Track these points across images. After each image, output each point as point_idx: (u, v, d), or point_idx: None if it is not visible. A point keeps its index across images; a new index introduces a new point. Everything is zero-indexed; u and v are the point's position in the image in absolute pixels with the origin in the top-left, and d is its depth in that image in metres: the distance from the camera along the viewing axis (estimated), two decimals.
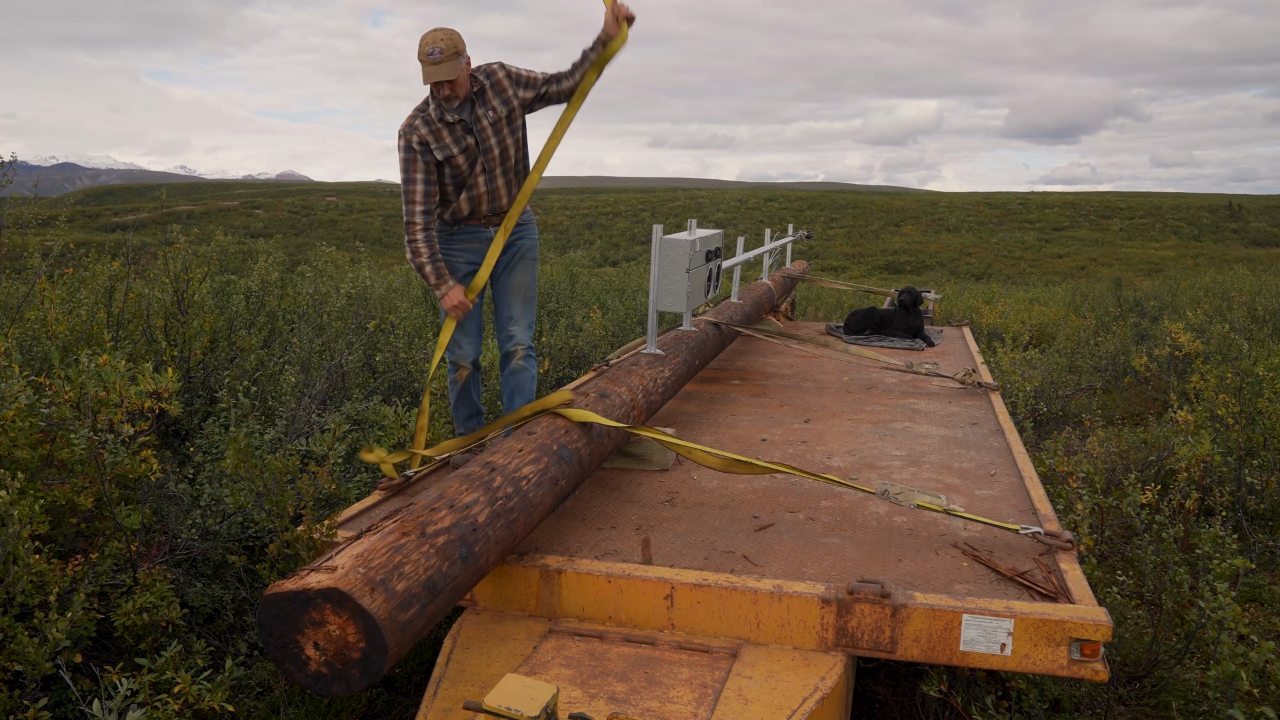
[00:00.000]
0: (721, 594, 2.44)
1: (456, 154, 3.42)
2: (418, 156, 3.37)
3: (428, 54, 3.27)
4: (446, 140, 3.40)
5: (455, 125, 3.41)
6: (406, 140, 3.38)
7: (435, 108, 3.38)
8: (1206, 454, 4.55)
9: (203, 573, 3.21)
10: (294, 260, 10.64)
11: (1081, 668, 2.26)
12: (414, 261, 3.46)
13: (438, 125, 3.39)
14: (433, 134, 3.39)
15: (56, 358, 3.78)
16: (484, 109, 3.45)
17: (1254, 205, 49.28)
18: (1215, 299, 11.20)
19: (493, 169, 3.51)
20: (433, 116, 3.39)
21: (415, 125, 3.39)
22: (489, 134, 3.46)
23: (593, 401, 3.28)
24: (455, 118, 3.40)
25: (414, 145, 3.37)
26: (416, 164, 3.38)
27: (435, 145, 3.39)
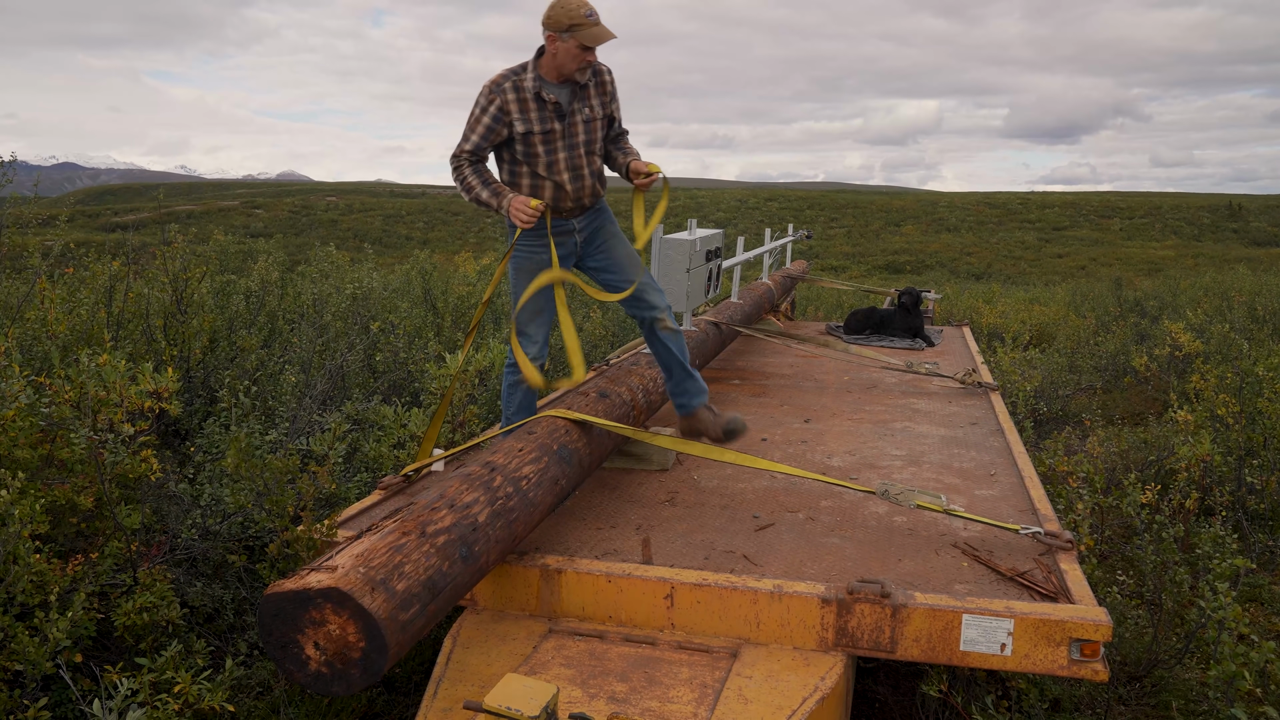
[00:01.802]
0: (722, 594, 2.43)
1: (537, 131, 3.21)
2: (487, 116, 3.17)
3: (585, 15, 3.07)
4: (532, 115, 3.20)
5: (548, 104, 3.21)
6: (489, 99, 3.17)
7: (534, 80, 3.17)
8: (1206, 454, 4.55)
9: (203, 572, 3.21)
10: (294, 260, 10.64)
11: (1081, 668, 2.26)
12: (468, 195, 3.25)
13: (528, 98, 3.18)
14: (519, 104, 3.18)
15: (56, 358, 3.78)
16: (582, 102, 3.27)
17: (1254, 205, 49.28)
18: (1215, 299, 11.20)
19: (577, 165, 3.30)
20: (527, 87, 3.17)
21: (504, 88, 3.17)
22: (579, 128, 3.28)
23: (593, 401, 3.29)
24: (552, 97, 3.20)
25: (491, 107, 3.17)
26: (481, 122, 3.18)
27: (518, 116, 3.18)
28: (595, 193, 3.41)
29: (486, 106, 3.17)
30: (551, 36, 3.11)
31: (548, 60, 3.17)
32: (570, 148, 3.27)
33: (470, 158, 3.22)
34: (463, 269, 10.82)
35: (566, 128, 3.25)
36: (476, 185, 3.21)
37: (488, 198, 3.21)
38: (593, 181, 3.38)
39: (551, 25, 3.10)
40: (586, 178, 3.34)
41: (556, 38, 3.10)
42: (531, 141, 3.22)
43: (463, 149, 3.21)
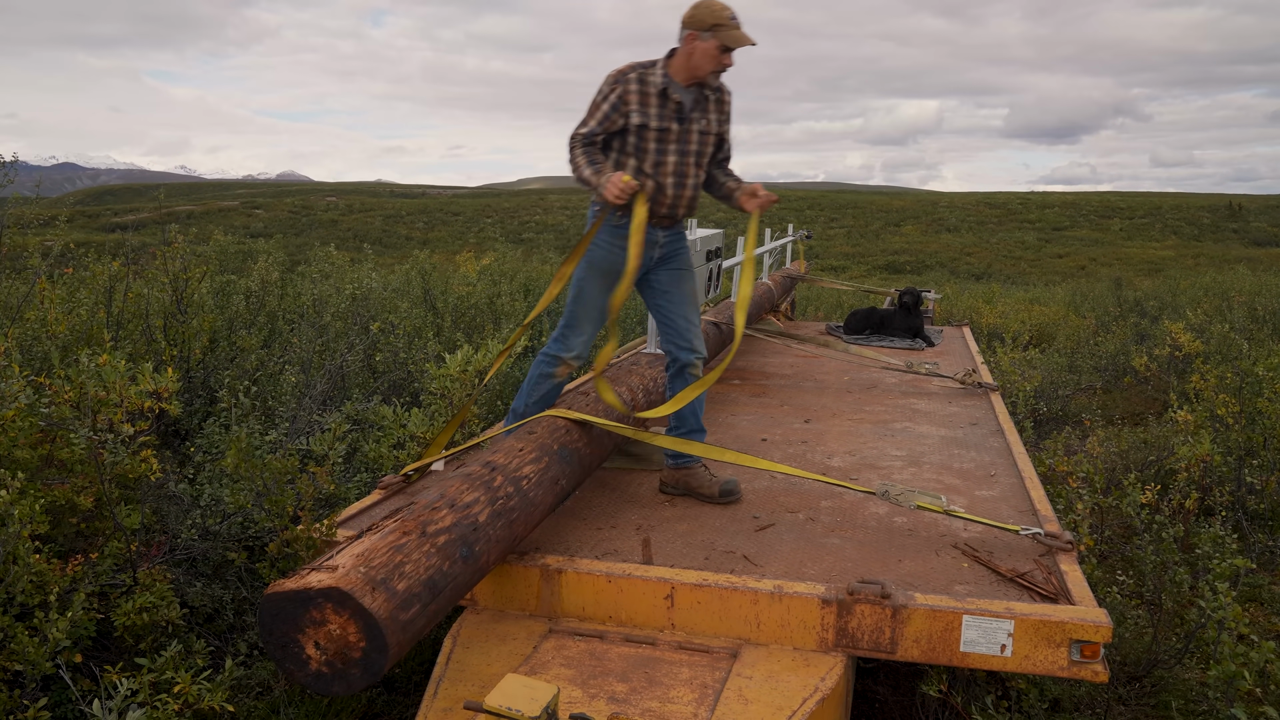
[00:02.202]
0: (722, 594, 2.43)
1: (652, 127, 3.15)
2: (606, 104, 3.13)
3: (729, 17, 3.05)
4: (651, 110, 3.15)
5: (671, 102, 3.16)
6: (611, 87, 3.13)
7: (662, 77, 3.14)
8: (1206, 454, 4.55)
9: (203, 572, 3.21)
10: (294, 260, 10.64)
11: (1081, 669, 2.26)
12: (575, 173, 3.18)
13: (651, 92, 3.14)
14: (640, 97, 3.13)
15: (56, 358, 3.78)
16: (701, 111, 3.24)
17: (1254, 205, 49.28)
18: (1215, 299, 11.20)
19: (683, 170, 3.24)
20: (653, 81, 3.14)
21: (628, 78, 3.14)
22: (693, 136, 3.23)
23: (593, 401, 3.29)
24: (676, 97, 3.16)
25: (612, 95, 3.13)
26: (600, 109, 3.14)
27: (636, 108, 3.14)
28: (690, 206, 3.36)
29: (608, 94, 3.13)
30: (692, 35, 3.08)
31: (681, 60, 3.14)
32: (681, 153, 3.23)
33: (584, 140, 3.17)
34: (463, 269, 10.83)
35: (683, 131, 3.21)
36: (583, 165, 3.14)
37: (588, 175, 3.13)
38: (692, 193, 3.33)
39: (694, 24, 3.08)
40: (688, 188, 3.29)
41: (697, 36, 3.08)
42: (645, 136, 3.17)
43: (578, 131, 3.17)
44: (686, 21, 3.10)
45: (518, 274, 9.71)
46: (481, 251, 15.25)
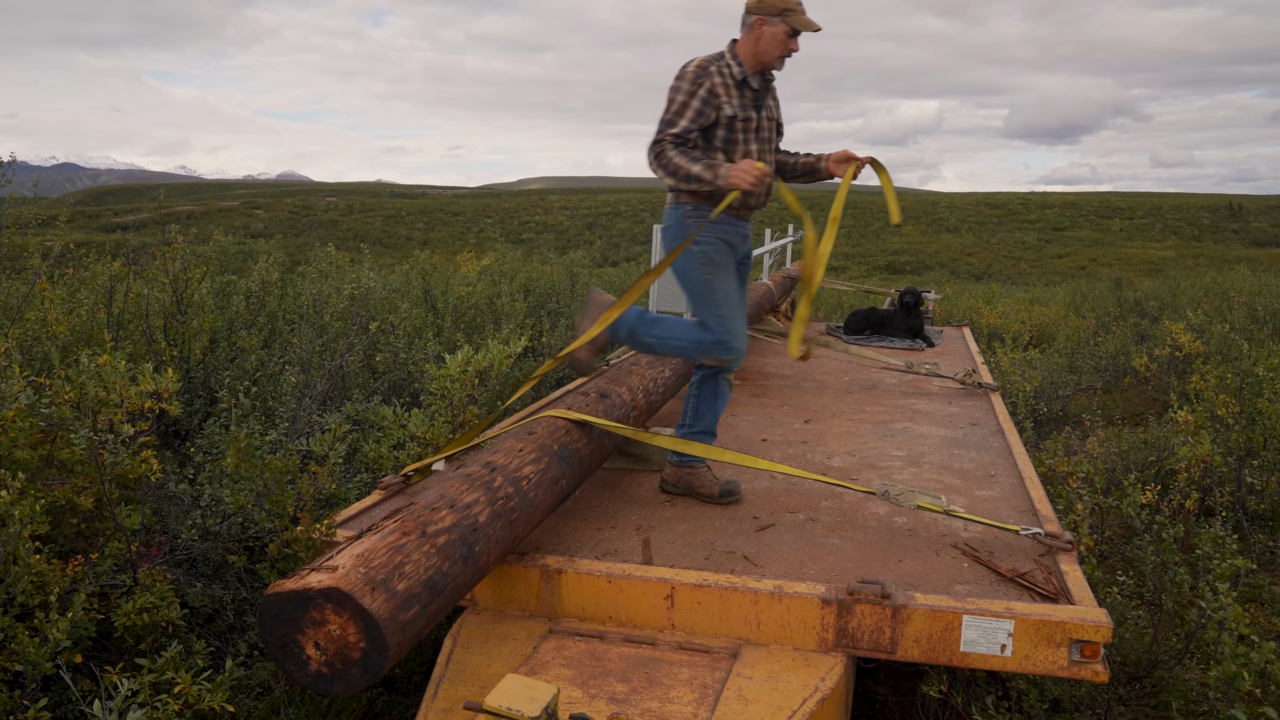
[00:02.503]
0: (722, 594, 2.43)
1: (740, 117, 3.12)
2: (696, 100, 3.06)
3: (798, 1, 3.06)
4: (735, 100, 3.11)
5: (748, 91, 3.14)
6: (696, 81, 3.07)
7: (738, 68, 3.11)
8: (1206, 454, 4.55)
9: (203, 573, 3.21)
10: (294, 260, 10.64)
11: (1082, 669, 2.26)
12: (677, 174, 3.07)
13: (732, 82, 3.11)
14: (725, 87, 3.09)
15: (56, 358, 3.78)
16: (772, 100, 3.24)
17: (1254, 205, 49.27)
18: (1215, 299, 11.20)
19: (765, 159, 3.22)
20: (733, 71, 3.11)
21: (710, 70, 3.09)
22: (766, 124, 3.22)
23: (593, 401, 3.28)
24: (754, 85, 3.15)
25: (701, 90, 3.06)
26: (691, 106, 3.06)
27: (726, 99, 3.09)
28: (768, 195, 3.34)
29: (694, 90, 3.06)
30: (761, 20, 3.07)
31: (748, 47, 3.12)
32: (761, 141, 3.21)
33: (676, 140, 3.08)
34: (463, 269, 10.83)
35: (760, 120, 3.19)
36: (684, 163, 3.05)
37: (700, 170, 3.03)
38: (772, 182, 3.31)
39: (763, 9, 3.07)
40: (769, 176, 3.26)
41: (765, 21, 3.07)
42: (734, 128, 3.13)
43: (668, 133, 3.07)
44: (754, 7, 3.09)
45: (518, 274, 9.71)
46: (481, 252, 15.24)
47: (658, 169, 3.12)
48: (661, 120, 3.11)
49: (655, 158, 3.11)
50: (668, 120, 3.09)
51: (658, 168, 3.12)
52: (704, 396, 3.37)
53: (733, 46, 3.17)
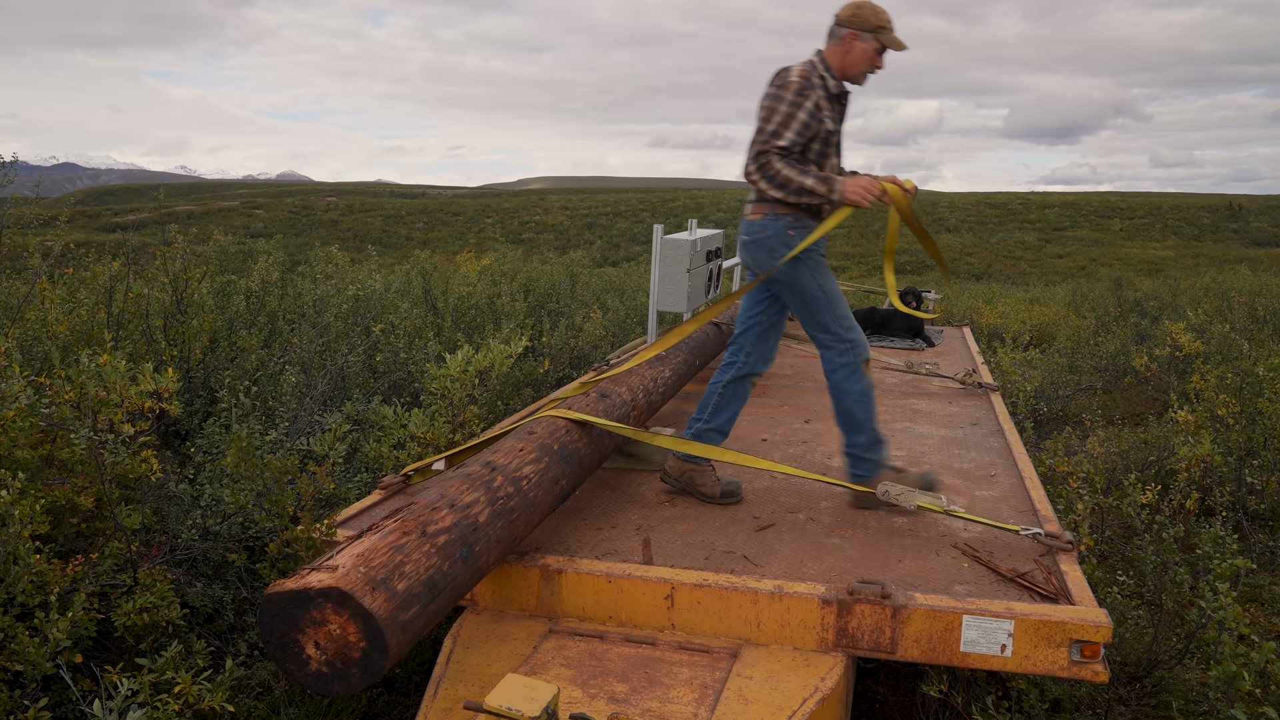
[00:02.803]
0: (722, 594, 2.43)
1: (831, 129, 3.13)
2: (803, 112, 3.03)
3: (889, 20, 3.05)
4: (829, 114, 3.11)
5: (837, 105, 3.15)
6: (802, 93, 3.02)
7: (833, 81, 3.11)
8: (1207, 454, 4.55)
9: (203, 573, 3.21)
10: (294, 260, 10.64)
11: (1082, 669, 2.26)
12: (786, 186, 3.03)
13: (827, 97, 3.10)
14: (825, 101, 3.09)
15: (57, 358, 3.78)
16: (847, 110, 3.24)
17: (1254, 205, 49.26)
18: (1215, 299, 11.20)
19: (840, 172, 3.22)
20: (830, 84, 3.10)
21: (813, 82, 3.06)
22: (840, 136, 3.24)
23: (593, 401, 3.28)
24: (840, 92, 3.15)
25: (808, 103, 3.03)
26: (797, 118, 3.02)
27: (826, 114, 3.09)
28: None
29: (800, 102, 3.02)
30: (853, 35, 3.07)
31: (837, 59, 3.12)
32: (839, 154, 3.21)
33: (783, 152, 3.03)
34: (463, 269, 10.83)
35: (840, 130, 3.19)
36: (796, 176, 3.01)
37: (813, 184, 3.01)
38: None
39: (857, 23, 3.07)
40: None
41: (858, 36, 3.07)
42: (828, 141, 3.12)
43: (775, 145, 3.02)
44: (848, 20, 3.08)
45: (518, 274, 9.72)
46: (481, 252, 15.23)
47: (762, 180, 3.05)
48: (764, 130, 3.05)
49: (760, 169, 3.04)
50: (773, 131, 3.03)
51: (762, 179, 3.05)
52: (727, 396, 3.37)
53: (822, 57, 3.14)
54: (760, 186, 3.07)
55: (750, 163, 3.06)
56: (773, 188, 3.05)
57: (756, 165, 3.05)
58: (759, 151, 3.04)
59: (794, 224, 3.14)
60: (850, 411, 3.25)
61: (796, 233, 3.14)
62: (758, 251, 3.22)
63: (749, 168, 3.07)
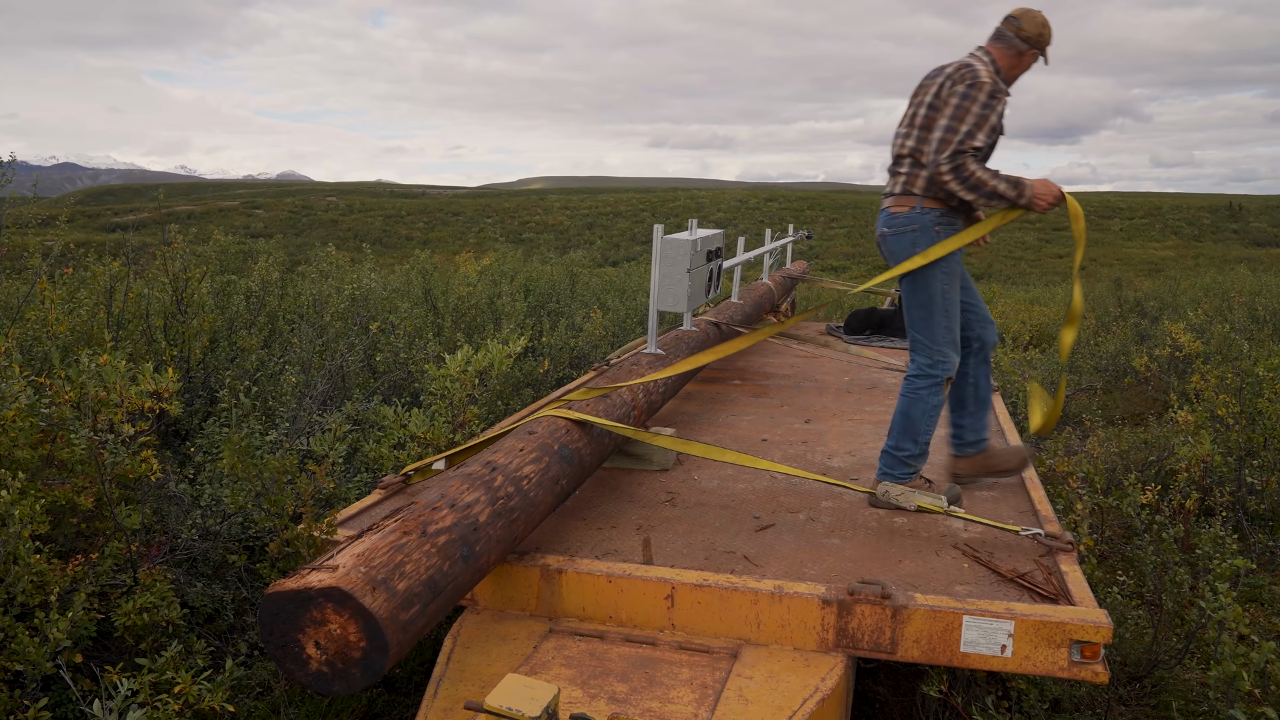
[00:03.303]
0: (722, 594, 2.43)
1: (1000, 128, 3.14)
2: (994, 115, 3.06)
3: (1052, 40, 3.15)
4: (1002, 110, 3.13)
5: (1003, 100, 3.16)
6: (994, 97, 3.05)
7: (1004, 85, 3.14)
8: (1207, 454, 4.55)
9: (203, 573, 3.21)
10: (294, 260, 10.64)
11: (1082, 669, 2.26)
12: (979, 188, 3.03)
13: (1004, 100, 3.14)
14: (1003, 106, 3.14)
15: (56, 358, 3.78)
16: None
17: (1254, 205, 49.27)
18: (1215, 299, 11.20)
19: None
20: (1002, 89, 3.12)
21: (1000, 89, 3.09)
22: None
23: (593, 401, 3.28)
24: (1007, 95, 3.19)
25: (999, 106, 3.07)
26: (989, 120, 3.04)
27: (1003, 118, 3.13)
28: None
29: (993, 104, 3.05)
30: (1032, 53, 3.17)
31: (1007, 64, 3.18)
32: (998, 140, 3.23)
33: (976, 153, 3.04)
34: (463, 269, 10.83)
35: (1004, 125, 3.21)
36: (989, 178, 3.03)
37: (1005, 188, 3.03)
38: None
39: (1034, 38, 3.14)
40: None
41: (1029, 50, 3.15)
42: (995, 145, 3.16)
43: (970, 145, 3.02)
44: (1023, 33, 3.15)
45: (518, 274, 9.71)
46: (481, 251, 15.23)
47: (954, 180, 3.04)
48: (958, 130, 3.03)
49: (955, 170, 3.03)
50: (967, 132, 3.03)
51: (954, 179, 3.04)
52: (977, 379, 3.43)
53: (993, 59, 3.17)
54: (951, 187, 3.06)
55: (944, 162, 3.04)
56: (964, 189, 3.05)
57: (951, 165, 3.03)
58: (956, 151, 3.02)
59: (940, 219, 3.17)
60: (914, 420, 3.24)
61: (943, 229, 3.16)
62: (898, 244, 3.24)
63: (941, 167, 3.05)
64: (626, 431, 3.12)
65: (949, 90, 3.10)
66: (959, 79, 3.10)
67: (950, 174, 3.04)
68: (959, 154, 3.02)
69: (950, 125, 3.04)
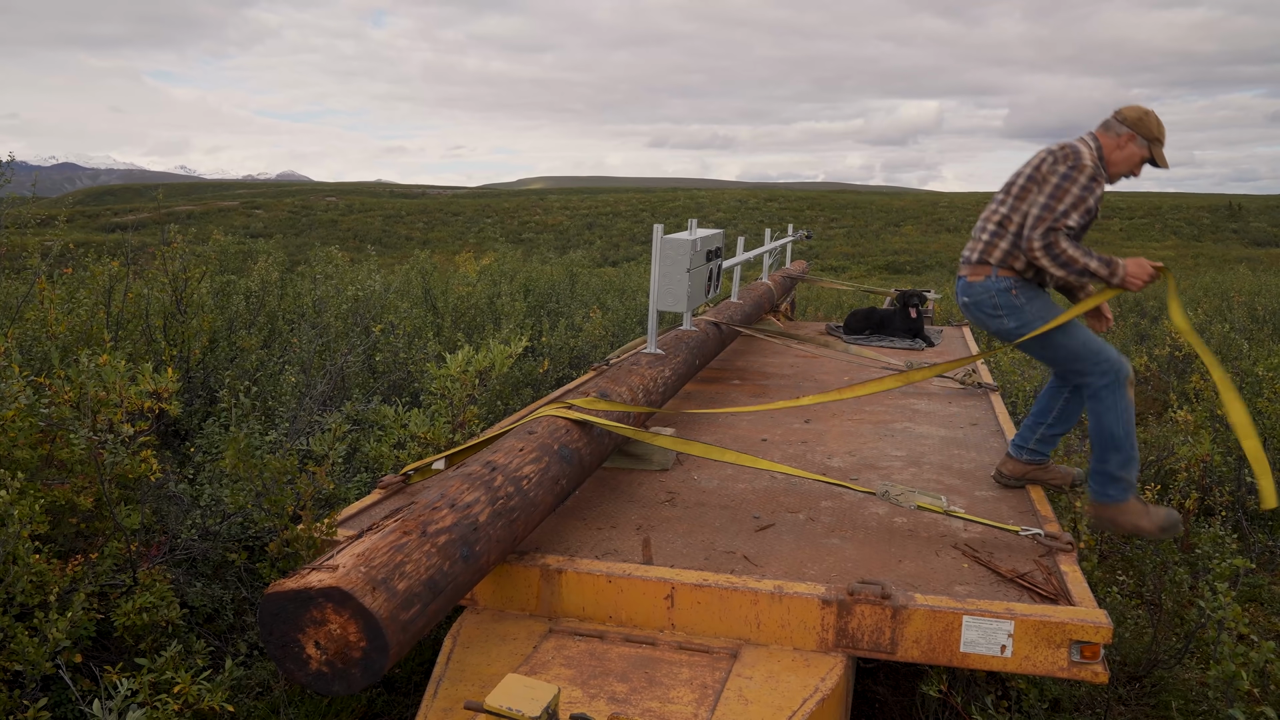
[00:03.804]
0: (722, 594, 2.43)
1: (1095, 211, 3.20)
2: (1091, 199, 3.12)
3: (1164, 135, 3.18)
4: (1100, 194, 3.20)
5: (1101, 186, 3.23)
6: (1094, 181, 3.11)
7: (1104, 172, 3.20)
8: (1206, 454, 4.55)
9: (203, 573, 3.21)
10: (294, 260, 10.64)
11: (1082, 669, 2.26)
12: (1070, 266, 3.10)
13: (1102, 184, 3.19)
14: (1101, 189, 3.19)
15: (56, 358, 3.78)
16: None
17: (1254, 205, 49.28)
18: (1215, 299, 11.20)
19: None
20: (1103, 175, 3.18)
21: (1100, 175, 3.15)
22: None
23: (593, 401, 3.28)
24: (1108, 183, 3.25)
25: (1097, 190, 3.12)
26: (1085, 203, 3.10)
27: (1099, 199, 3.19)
28: None
29: (1092, 188, 3.12)
30: (1131, 135, 3.19)
31: (1109, 152, 3.22)
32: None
33: (1068, 233, 3.11)
34: (463, 269, 10.83)
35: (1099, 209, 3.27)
36: (1081, 257, 3.10)
37: (1097, 267, 3.11)
38: None
39: (1140, 128, 3.18)
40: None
41: (1135, 139, 3.19)
42: (1089, 226, 3.20)
43: (1064, 224, 3.09)
44: (1134, 123, 3.19)
45: (518, 274, 9.71)
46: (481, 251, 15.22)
47: (1045, 257, 3.12)
48: (1055, 208, 3.10)
49: (1046, 248, 3.11)
50: (1063, 211, 3.10)
51: (1046, 255, 3.12)
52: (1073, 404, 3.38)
53: (1098, 144, 3.23)
54: (1042, 263, 3.14)
55: (1037, 238, 3.11)
56: (1055, 265, 3.13)
57: (1044, 243, 3.11)
58: (1049, 229, 3.10)
59: (1016, 285, 3.25)
60: (1109, 429, 3.19)
61: (1020, 293, 3.24)
62: (979, 313, 3.35)
63: (1034, 242, 3.13)
64: (626, 431, 3.12)
65: (1050, 168, 3.17)
66: (1063, 158, 3.16)
67: (1042, 250, 3.12)
68: (1053, 231, 3.10)
69: (1048, 203, 3.12)
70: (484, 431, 3.93)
